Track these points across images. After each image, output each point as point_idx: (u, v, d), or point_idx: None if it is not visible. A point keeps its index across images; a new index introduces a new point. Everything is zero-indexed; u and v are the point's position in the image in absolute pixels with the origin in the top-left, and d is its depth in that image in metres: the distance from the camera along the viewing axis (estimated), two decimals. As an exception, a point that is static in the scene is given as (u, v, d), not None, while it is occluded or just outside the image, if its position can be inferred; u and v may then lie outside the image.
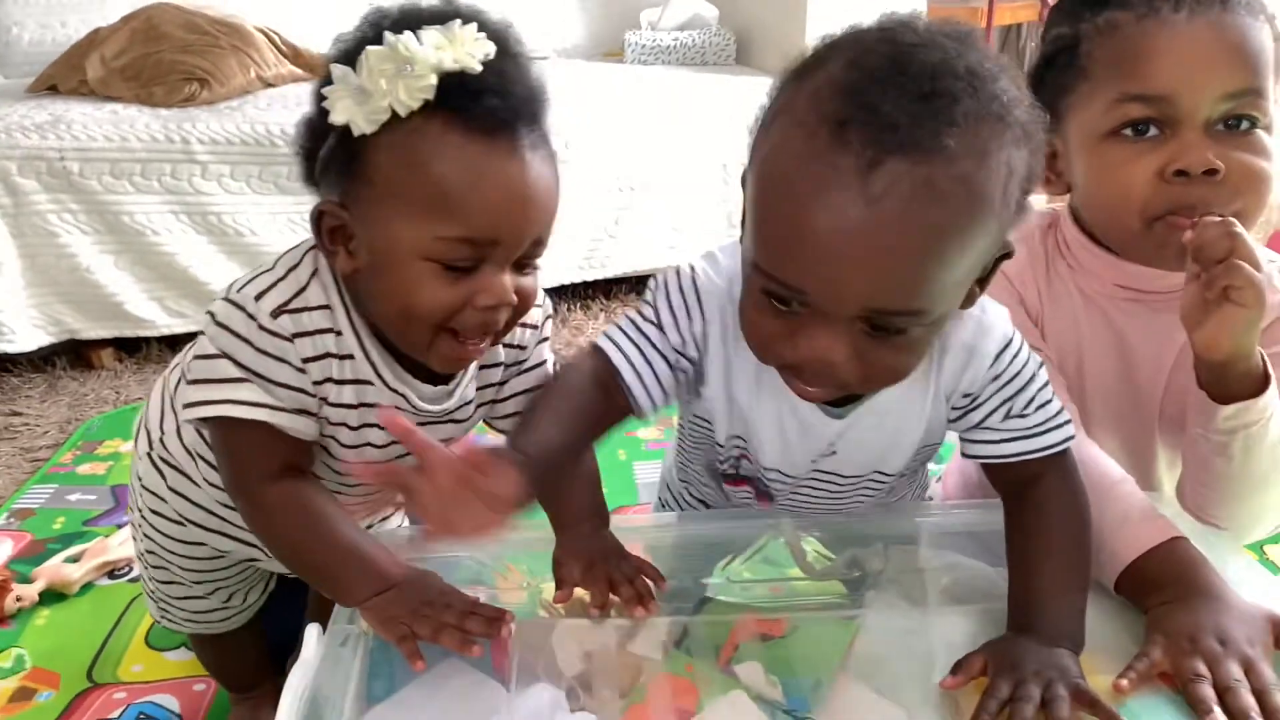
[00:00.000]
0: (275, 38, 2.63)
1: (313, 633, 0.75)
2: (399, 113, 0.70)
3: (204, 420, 0.79)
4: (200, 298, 2.22)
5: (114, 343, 2.27)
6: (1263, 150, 0.81)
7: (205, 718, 1.19)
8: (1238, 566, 0.80)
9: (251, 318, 0.76)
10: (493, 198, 0.72)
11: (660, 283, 0.79)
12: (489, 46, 0.71)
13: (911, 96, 0.57)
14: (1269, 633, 0.70)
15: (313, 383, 0.79)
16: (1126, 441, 0.99)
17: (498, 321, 0.77)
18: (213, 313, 0.78)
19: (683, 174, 2.59)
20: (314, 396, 0.79)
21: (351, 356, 0.80)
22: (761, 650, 0.77)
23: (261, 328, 0.76)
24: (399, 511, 1.14)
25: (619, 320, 0.80)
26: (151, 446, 0.94)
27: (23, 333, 2.13)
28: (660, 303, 0.78)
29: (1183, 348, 0.86)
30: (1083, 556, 0.75)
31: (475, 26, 0.71)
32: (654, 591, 0.81)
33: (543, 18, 3.37)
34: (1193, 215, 0.79)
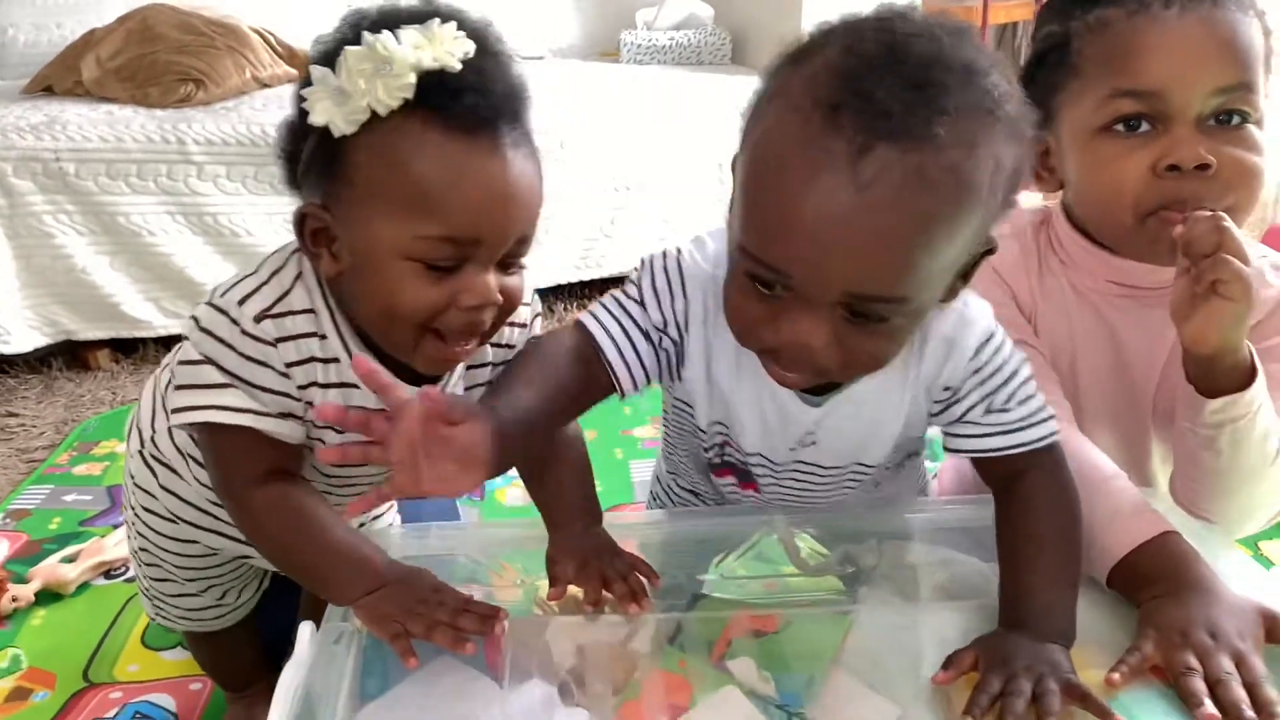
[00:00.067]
0: (271, 38, 2.63)
1: (306, 630, 0.75)
2: (378, 112, 0.69)
3: (190, 425, 0.79)
4: (196, 298, 2.19)
5: (110, 343, 2.27)
6: (1254, 145, 0.82)
7: (201, 717, 1.19)
8: (1230, 561, 0.80)
9: (235, 323, 0.76)
10: (474, 196, 0.71)
11: (646, 263, 0.80)
12: (468, 45, 0.70)
13: (905, 85, 0.57)
14: (1260, 626, 0.70)
15: (297, 387, 0.78)
16: (1121, 437, 0.99)
17: (483, 322, 0.76)
18: (196, 318, 0.78)
19: (678, 174, 2.60)
20: (299, 401, 0.79)
21: (336, 360, 0.79)
22: (754, 646, 0.77)
23: (245, 333, 0.76)
24: (391, 510, 1.14)
25: (603, 299, 0.80)
26: (143, 445, 0.94)
27: (19, 334, 2.14)
28: (644, 282, 0.79)
29: (1175, 343, 0.87)
30: (1072, 551, 0.75)
31: (454, 25, 0.70)
32: (647, 588, 0.81)
33: (538, 17, 3.38)
34: (1184, 210, 0.79)
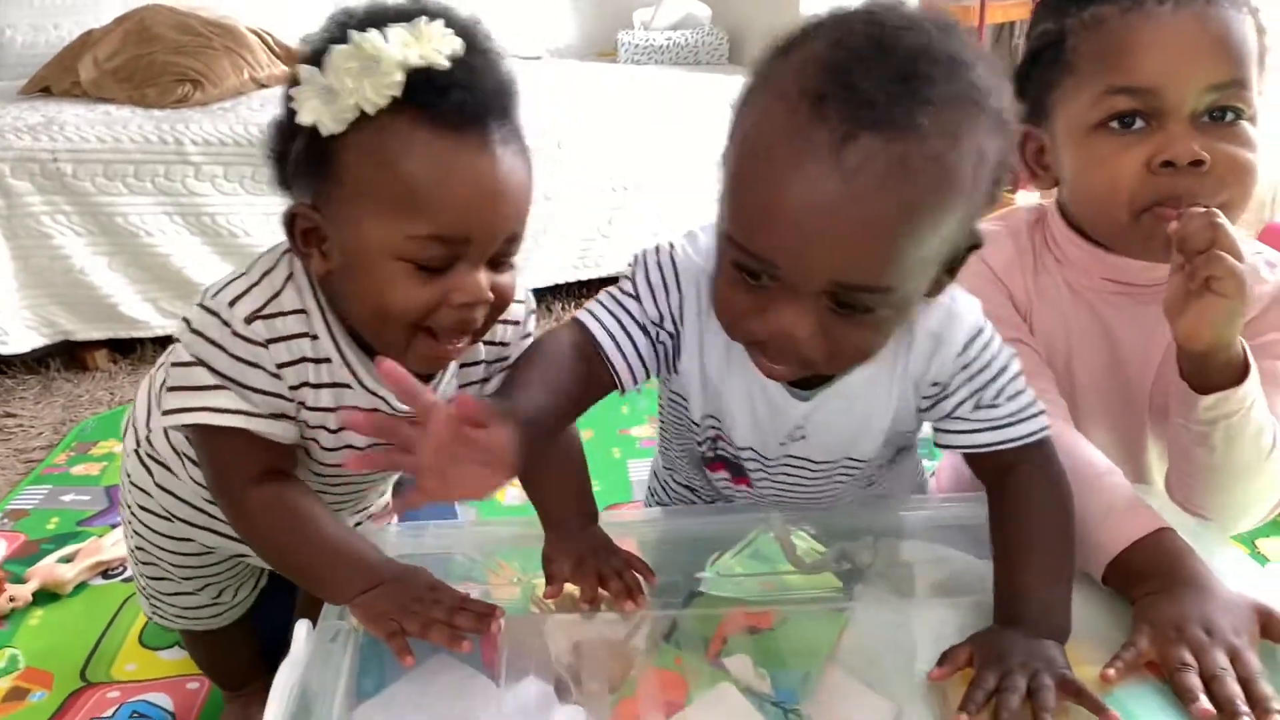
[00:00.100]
0: (268, 39, 2.63)
1: (302, 629, 0.75)
2: (366, 111, 0.69)
3: (183, 426, 0.79)
4: (194, 299, 2.20)
5: (108, 344, 2.27)
6: (1248, 141, 0.82)
7: (199, 716, 1.19)
8: (1226, 558, 0.80)
9: (226, 324, 0.76)
10: (462, 194, 0.71)
11: (639, 258, 0.80)
12: (456, 43, 0.70)
13: (891, 76, 0.58)
14: (1255, 622, 0.70)
15: (289, 387, 0.78)
16: (1118, 434, 0.99)
17: (475, 320, 0.76)
18: (188, 320, 0.78)
19: (676, 173, 2.60)
20: (291, 401, 0.79)
21: (328, 360, 0.79)
22: (750, 643, 0.77)
23: (236, 334, 0.76)
24: (389, 509, 1.14)
25: (598, 296, 0.80)
26: (139, 444, 0.94)
27: (16, 334, 2.14)
28: (639, 277, 0.79)
29: (1170, 340, 0.87)
30: (1065, 546, 0.76)
31: (442, 23, 0.70)
32: (643, 586, 0.81)
33: (535, 18, 3.38)
34: (1179, 206, 0.79)
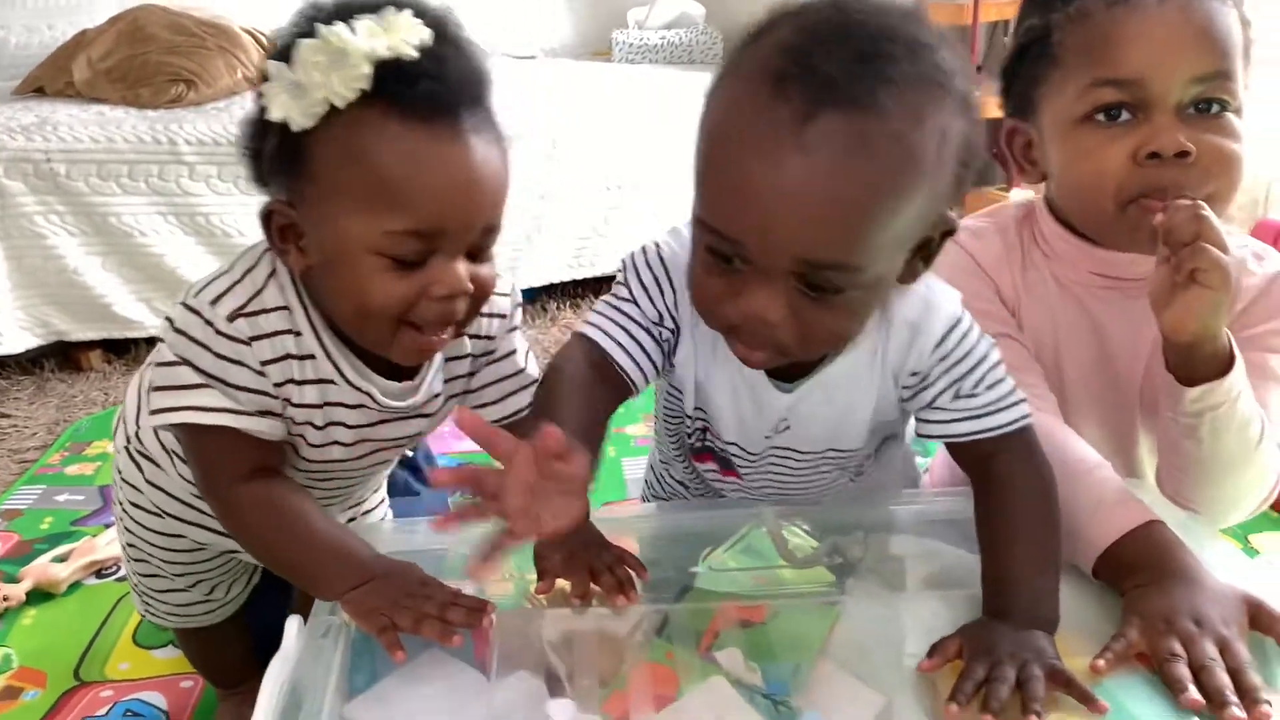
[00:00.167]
0: (262, 39, 2.63)
1: (293, 624, 0.75)
2: (336, 105, 0.69)
3: (170, 426, 0.79)
4: (187, 299, 2.22)
5: (102, 344, 2.27)
6: (1233, 133, 0.82)
7: (192, 715, 1.19)
8: (1216, 551, 0.80)
9: (208, 323, 0.75)
10: (435, 185, 0.70)
11: (629, 262, 0.80)
12: (425, 33, 0.70)
13: (853, 56, 0.59)
14: (1244, 613, 0.70)
15: (274, 385, 0.78)
16: (1108, 429, 0.99)
17: (456, 311, 0.75)
18: (171, 319, 0.77)
19: (671, 172, 2.59)
20: (276, 398, 0.79)
21: (312, 356, 0.79)
22: (742, 636, 0.77)
23: (219, 332, 0.75)
24: (383, 505, 1.14)
25: (596, 305, 0.80)
26: (129, 440, 0.94)
27: (10, 335, 2.14)
28: (631, 280, 0.79)
29: (1159, 334, 0.87)
30: (1050, 535, 0.76)
31: (410, 13, 0.70)
32: (635, 581, 0.81)
33: (530, 17, 3.38)
34: (1165, 198, 0.80)
